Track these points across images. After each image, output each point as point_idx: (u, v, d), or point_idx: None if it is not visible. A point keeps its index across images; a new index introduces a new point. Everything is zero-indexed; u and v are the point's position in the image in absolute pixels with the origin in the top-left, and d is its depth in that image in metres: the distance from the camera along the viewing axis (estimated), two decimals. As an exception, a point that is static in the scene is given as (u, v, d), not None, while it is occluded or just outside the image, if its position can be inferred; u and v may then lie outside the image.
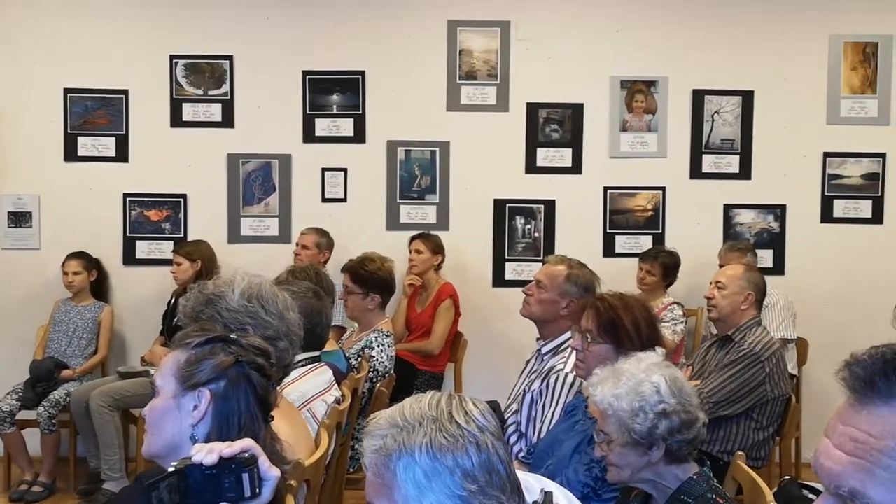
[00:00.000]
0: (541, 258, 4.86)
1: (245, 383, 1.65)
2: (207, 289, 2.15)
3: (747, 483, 2.19)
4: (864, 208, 5.25)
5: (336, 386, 2.85)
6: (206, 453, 1.40)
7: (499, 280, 5.13)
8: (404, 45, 5.13)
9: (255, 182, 5.11)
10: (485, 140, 5.14)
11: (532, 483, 1.77)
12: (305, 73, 5.10)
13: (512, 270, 5.17)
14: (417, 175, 5.16)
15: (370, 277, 3.79)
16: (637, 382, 2.00)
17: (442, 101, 5.13)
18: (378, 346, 3.69)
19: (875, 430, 0.81)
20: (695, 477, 2.00)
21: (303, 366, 2.71)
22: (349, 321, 4.28)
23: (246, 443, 1.46)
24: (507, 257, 5.17)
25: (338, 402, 2.75)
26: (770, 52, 5.17)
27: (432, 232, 4.99)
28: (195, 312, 2.11)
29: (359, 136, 5.13)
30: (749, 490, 2.19)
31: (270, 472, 1.45)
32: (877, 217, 5.25)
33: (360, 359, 3.58)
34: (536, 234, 5.21)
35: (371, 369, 3.59)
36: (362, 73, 5.11)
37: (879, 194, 5.24)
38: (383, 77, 5.12)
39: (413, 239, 4.91)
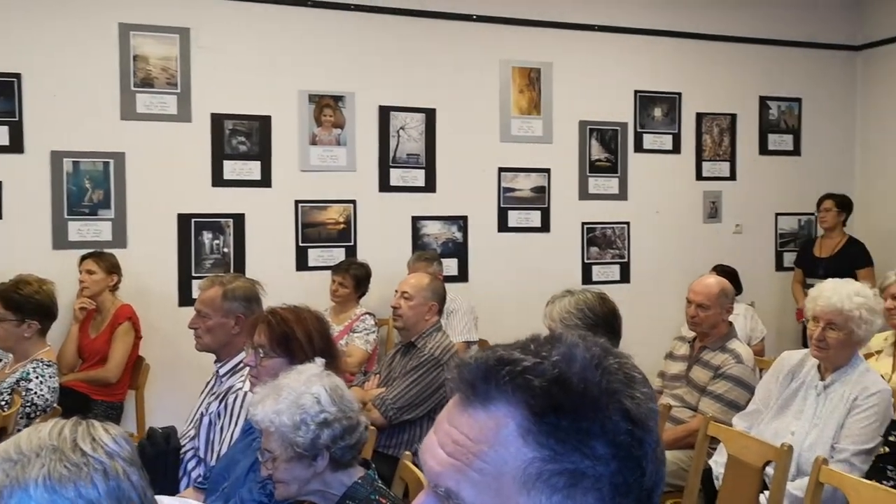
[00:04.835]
0: (231, 274, 4.69)
1: None
2: None
3: (413, 481, 2.26)
4: (534, 218, 5.75)
5: (-28, 427, 2.48)
6: None
7: (185, 299, 4.86)
8: (69, 48, 4.69)
9: None
10: (166, 151, 4.87)
11: (180, 510, 1.66)
12: (-54, 73, 4.48)
13: (199, 288, 4.93)
14: (88, 189, 4.74)
15: (26, 302, 3.37)
16: (297, 395, 1.98)
17: (115, 110, 4.77)
18: (37, 378, 3.29)
19: (473, 434, 0.82)
20: (360, 481, 2.02)
21: (-77, 407, 2.33)
22: (3, 352, 3.79)
23: None
24: (194, 274, 4.93)
25: (-27, 445, 2.39)
26: (449, 74, 5.49)
27: (107, 250, 4.61)
28: None
29: (16, 146, 4.60)
30: (415, 488, 2.25)
31: None
32: (545, 226, 5.78)
33: (11, 393, 3.18)
34: (226, 250, 5.03)
35: (27, 403, 3.20)
36: (18, 75, 4.59)
37: (546, 205, 5.77)
38: (45, 81, 4.64)
39: (84, 258, 4.50)
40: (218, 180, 5.00)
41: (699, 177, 6.14)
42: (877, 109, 6.37)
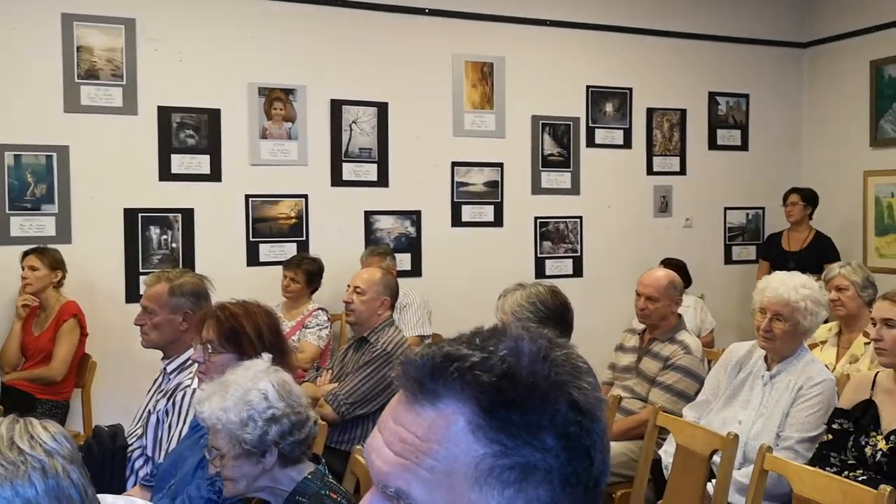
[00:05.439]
0: (178, 269, 4.61)
1: None
2: None
3: (364, 476, 2.25)
4: (487, 213, 5.76)
5: None
6: None
7: (133, 295, 4.76)
8: (10, 38, 4.55)
9: None
10: (111, 145, 4.76)
11: (121, 509, 1.62)
12: None
13: (145, 284, 4.83)
14: (31, 183, 4.61)
15: (-36, 299, 3.29)
16: (245, 392, 1.95)
17: (58, 102, 4.64)
18: (-24, 378, 3.21)
19: (421, 432, 0.81)
20: (309, 476, 2.00)
21: None
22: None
23: None
24: (141, 270, 4.83)
25: None
26: (401, 67, 5.46)
27: (51, 246, 4.49)
28: None
29: (-46, 139, 4.46)
30: (366, 483, 2.24)
31: None
32: (498, 220, 5.79)
33: (-51, 394, 3.09)
34: (174, 245, 4.94)
35: (-33, 405, 3.12)
36: (-44, 66, 4.45)
37: (499, 200, 5.79)
38: (-16, 72, 4.50)
39: (26, 254, 4.38)
40: (165, 174, 4.91)
41: (650, 171, 6.22)
42: (823, 105, 6.51)
